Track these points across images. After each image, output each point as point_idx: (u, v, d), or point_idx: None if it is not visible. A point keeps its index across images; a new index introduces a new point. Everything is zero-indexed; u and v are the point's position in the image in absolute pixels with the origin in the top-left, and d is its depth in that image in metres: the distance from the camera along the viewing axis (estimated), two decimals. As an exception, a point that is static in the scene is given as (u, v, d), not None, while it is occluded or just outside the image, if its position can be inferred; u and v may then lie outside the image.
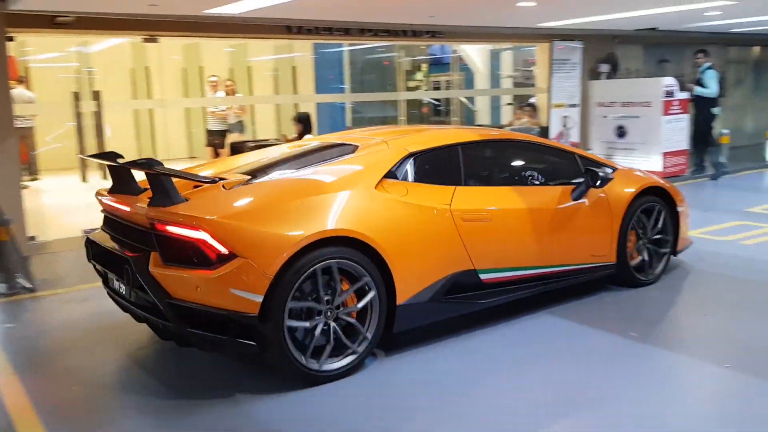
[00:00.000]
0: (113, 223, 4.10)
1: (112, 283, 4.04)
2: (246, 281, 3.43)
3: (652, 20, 10.79)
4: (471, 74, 14.62)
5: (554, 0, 8.03)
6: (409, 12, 8.60)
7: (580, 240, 4.88)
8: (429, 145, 4.43)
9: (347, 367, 3.77)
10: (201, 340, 3.54)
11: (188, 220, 3.49)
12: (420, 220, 4.04)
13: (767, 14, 10.40)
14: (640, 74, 13.18)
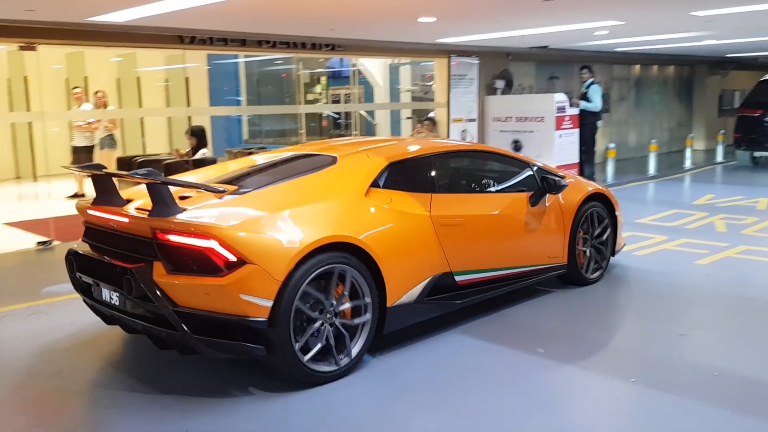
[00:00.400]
0: (101, 235, 4.08)
1: (99, 294, 4.00)
2: (256, 287, 3.50)
3: (545, 39, 11.10)
4: (370, 88, 14.56)
5: (453, 17, 8.07)
6: (308, 24, 8.41)
7: (539, 242, 5.25)
8: (406, 155, 4.67)
9: (345, 367, 3.91)
10: (208, 346, 3.55)
11: (197, 229, 3.52)
12: (405, 226, 4.26)
13: (649, 34, 10.97)
14: (532, 90, 13.57)
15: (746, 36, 11.92)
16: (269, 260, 3.55)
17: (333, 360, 3.86)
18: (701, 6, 7.71)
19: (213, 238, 3.50)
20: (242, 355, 3.69)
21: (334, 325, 3.87)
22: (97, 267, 4.00)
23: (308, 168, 4.39)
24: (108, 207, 4.03)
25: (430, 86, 13.20)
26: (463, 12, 7.63)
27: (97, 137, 10.98)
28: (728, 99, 19.61)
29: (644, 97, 17.27)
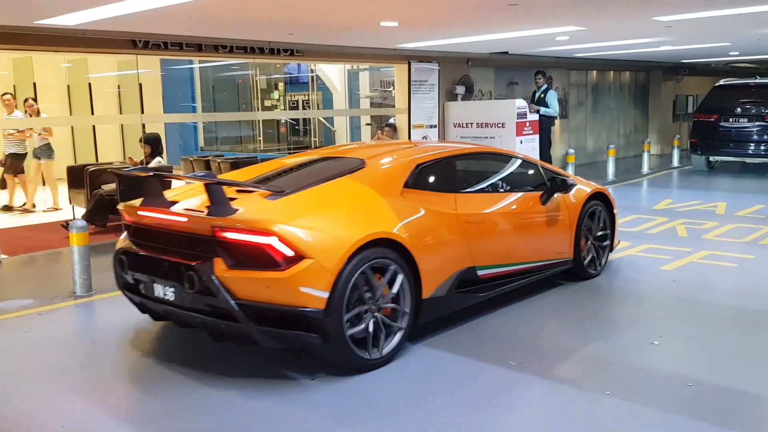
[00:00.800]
0: (153, 234, 4.26)
1: (151, 291, 4.20)
2: (314, 279, 3.75)
3: (506, 44, 11.11)
4: (329, 94, 14.41)
5: (414, 22, 7.97)
6: (267, 29, 8.20)
7: (549, 239, 5.58)
8: (432, 157, 4.98)
9: (388, 355, 4.16)
10: (268, 336, 3.81)
11: (257, 227, 3.76)
12: (436, 223, 4.56)
13: (609, 40, 11.07)
14: (492, 96, 13.59)
15: (701, 42, 12.14)
16: (325, 255, 3.82)
17: (377, 348, 4.10)
18: (663, 11, 7.77)
19: (273, 235, 3.75)
20: (299, 344, 3.93)
21: (377, 315, 4.11)
22: (151, 264, 4.18)
23: (341, 170, 4.63)
24: (158, 208, 4.24)
25: (390, 92, 13.12)
26: (426, 16, 7.53)
27: (31, 145, 10.48)
28: (682, 104, 20.02)
29: (601, 103, 17.49)
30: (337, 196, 4.35)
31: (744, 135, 12.69)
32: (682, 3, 7.08)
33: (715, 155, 13.38)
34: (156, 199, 4.35)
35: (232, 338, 4.03)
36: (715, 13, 7.82)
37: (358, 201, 4.33)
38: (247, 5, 6.48)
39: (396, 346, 4.22)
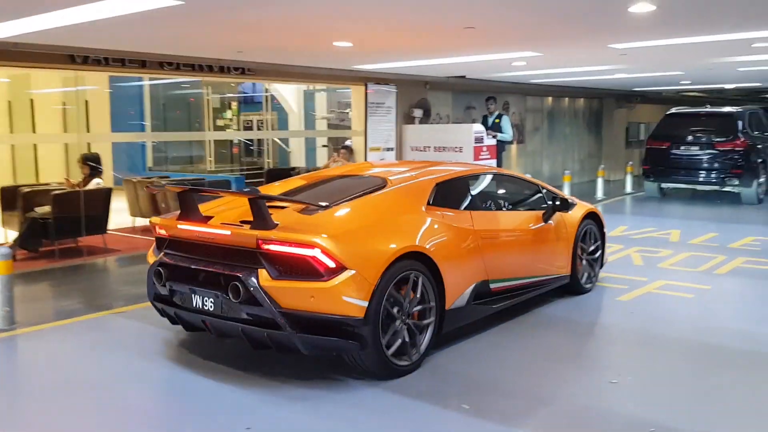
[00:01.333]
0: (192, 247, 4.44)
1: (189, 302, 4.35)
2: (355, 289, 3.97)
3: (463, 68, 11.03)
4: (285, 114, 14.14)
5: (369, 43, 7.77)
6: (214, 46, 7.87)
7: (551, 255, 5.95)
8: (449, 177, 5.30)
9: (417, 362, 4.42)
10: (309, 343, 4.00)
11: (302, 240, 3.97)
12: (457, 238, 4.82)
13: (565, 66, 11.06)
14: (449, 120, 13.50)
15: (654, 71, 12.26)
16: (364, 266, 4.05)
17: (407, 355, 4.34)
18: (619, 39, 7.76)
19: (317, 247, 3.95)
20: (338, 352, 4.13)
21: (408, 322, 4.35)
22: (191, 276, 4.35)
23: (365, 188, 4.88)
24: (197, 221, 4.46)
25: (347, 114, 12.91)
26: (380, 38, 7.34)
27: None
28: (634, 131, 20.31)
29: (557, 129, 17.57)
30: (371, 212, 4.60)
31: (695, 162, 12.81)
32: (636, 31, 7.06)
33: (667, 182, 13.48)
34: (193, 213, 4.56)
35: (272, 346, 4.15)
36: (669, 41, 7.84)
37: (390, 216, 4.61)
38: (189, 22, 6.15)
39: (422, 355, 4.47)
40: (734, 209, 12.19)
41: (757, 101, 25.20)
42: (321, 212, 4.41)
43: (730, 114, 12.93)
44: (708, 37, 7.52)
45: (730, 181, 12.39)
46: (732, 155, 12.36)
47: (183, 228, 4.49)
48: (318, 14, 5.93)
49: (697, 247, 8.65)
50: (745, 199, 12.57)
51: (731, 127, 12.58)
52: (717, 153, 12.52)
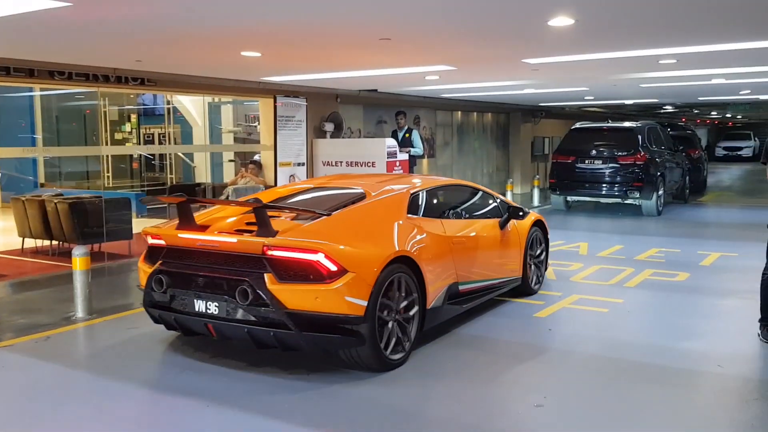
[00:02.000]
0: (193, 254, 4.75)
1: (191, 307, 4.65)
2: (356, 290, 4.40)
3: (375, 82, 10.92)
4: (189, 127, 13.58)
5: (278, 53, 7.46)
6: (110, 54, 7.33)
7: (507, 259, 6.48)
8: (422, 188, 5.80)
9: (405, 356, 4.87)
10: (313, 341, 4.41)
11: (307, 246, 4.39)
12: (434, 244, 5.30)
13: (477, 81, 11.13)
14: (361, 134, 13.34)
15: (561, 86, 12.55)
16: (363, 269, 4.49)
17: (400, 348, 4.82)
18: (533, 54, 7.82)
19: (320, 252, 4.37)
20: (339, 348, 4.55)
21: (398, 318, 4.80)
22: (194, 282, 4.67)
23: (347, 199, 5.31)
24: (198, 230, 4.81)
25: (256, 127, 12.52)
26: (291, 47, 7.04)
27: None
28: (539, 145, 20.86)
29: (466, 143, 17.76)
30: (361, 220, 5.05)
31: (598, 176, 13.18)
32: (552, 46, 7.12)
33: (573, 195, 13.81)
34: (190, 222, 4.92)
35: (275, 345, 4.50)
36: (583, 57, 7.98)
37: (378, 224, 5.04)
38: (80, 27, 5.63)
39: (408, 351, 4.91)
40: (636, 221, 12.60)
41: (652, 116, 26.58)
42: (318, 220, 4.82)
43: (630, 129, 13.40)
44: (621, 53, 7.69)
45: (632, 193, 12.82)
46: (633, 169, 12.79)
47: (184, 237, 4.80)
48: (224, 23, 5.58)
49: (605, 259, 8.81)
50: (646, 211, 13.04)
51: (632, 141, 13.03)
52: (619, 167, 12.93)
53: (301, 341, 4.40)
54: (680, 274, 7.83)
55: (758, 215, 13.50)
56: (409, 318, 4.93)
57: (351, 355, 4.59)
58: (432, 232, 5.35)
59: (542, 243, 7.14)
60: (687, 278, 7.65)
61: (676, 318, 6.17)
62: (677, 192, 15.00)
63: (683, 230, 11.58)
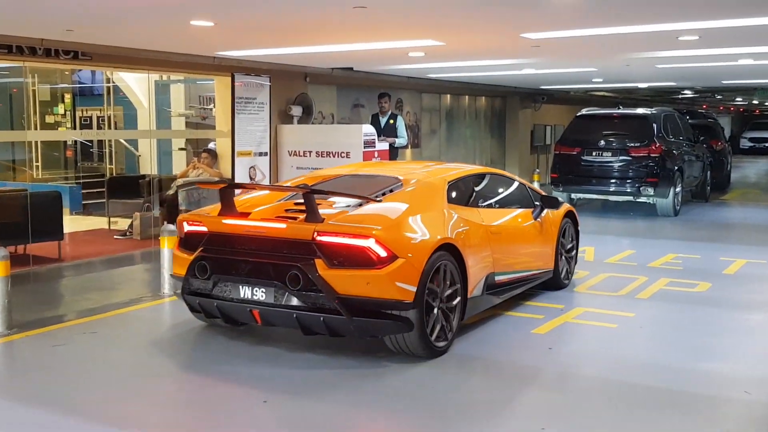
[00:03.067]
0: (236, 241, 5.36)
1: (236, 293, 5.26)
2: (406, 276, 5.00)
3: (350, 58, 10.83)
4: (133, 110, 13.46)
5: (234, 23, 7.39)
6: (35, 21, 7.15)
7: (540, 250, 7.12)
8: (457, 176, 6.47)
9: (448, 345, 5.49)
10: (362, 326, 4.99)
11: (358, 231, 5.02)
12: (474, 232, 5.95)
13: (468, 59, 11.08)
14: (334, 120, 13.28)
15: (566, 66, 12.54)
16: (413, 254, 5.11)
17: (443, 336, 5.41)
18: (533, 28, 7.78)
19: (372, 237, 4.97)
20: (388, 333, 5.13)
21: (442, 307, 5.42)
22: (239, 268, 5.26)
23: (386, 185, 6.00)
24: (240, 217, 5.47)
25: (210, 110, 12.42)
26: (248, 15, 6.94)
27: None
28: (540, 135, 20.91)
29: (456, 131, 17.74)
30: (416, 206, 5.64)
31: (607, 170, 13.18)
32: (556, 18, 7.08)
33: (578, 192, 13.80)
34: (232, 209, 5.53)
35: (323, 331, 5.10)
36: (591, 32, 7.95)
37: (421, 211, 5.61)
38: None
39: (453, 336, 5.55)
40: (650, 222, 12.65)
41: (669, 102, 26.78)
42: (365, 206, 5.52)
43: (644, 116, 13.43)
44: (634, 28, 7.66)
45: (645, 190, 12.83)
46: (647, 162, 12.80)
47: (229, 223, 5.41)
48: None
49: (614, 266, 8.83)
50: (661, 211, 13.07)
51: (646, 131, 13.04)
52: (631, 160, 12.94)
53: (351, 326, 4.98)
54: (700, 283, 7.85)
55: (789, 216, 13.65)
56: (452, 306, 5.54)
57: (398, 341, 5.19)
58: (471, 221, 6.01)
59: (573, 235, 7.84)
60: (708, 289, 7.66)
61: (696, 335, 6.17)
62: (697, 189, 15.09)
63: (704, 233, 11.65)
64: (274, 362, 5.37)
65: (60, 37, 8.31)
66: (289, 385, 4.95)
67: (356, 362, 5.33)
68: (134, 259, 9.44)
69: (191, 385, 5.06)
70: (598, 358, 5.58)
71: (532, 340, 5.98)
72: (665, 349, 5.85)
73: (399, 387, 4.94)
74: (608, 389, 4.96)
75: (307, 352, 5.51)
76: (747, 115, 44.27)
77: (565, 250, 7.60)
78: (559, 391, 4.99)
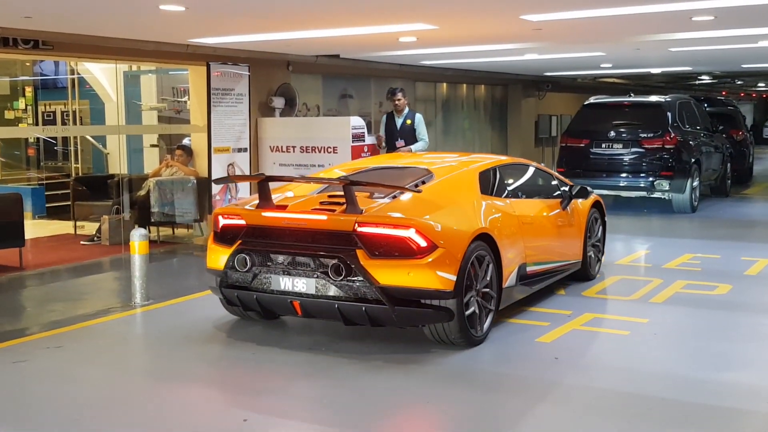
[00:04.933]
0: (277, 233, 5.88)
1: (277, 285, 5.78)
2: (446, 265, 5.52)
3: (336, 45, 10.87)
4: (100, 104, 13.48)
5: (208, 6, 7.43)
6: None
7: (569, 241, 7.69)
8: (485, 167, 6.95)
9: (485, 334, 6.04)
10: (404, 315, 5.54)
11: (399, 222, 5.56)
12: (507, 222, 6.48)
13: (464, 45, 11.09)
14: (320, 112, 13.33)
15: (571, 51, 12.58)
16: (452, 244, 5.61)
17: (480, 327, 5.96)
18: (534, 8, 7.82)
19: (412, 227, 5.49)
20: (428, 322, 5.64)
21: (478, 299, 5.93)
22: (279, 260, 5.78)
23: (417, 177, 6.48)
24: (278, 209, 5.97)
25: (185, 103, 12.43)
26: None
27: None
28: (545, 126, 20.98)
29: (453, 122, 17.79)
30: (441, 198, 6.17)
31: (618, 163, 13.22)
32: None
33: (587, 187, 13.82)
34: (270, 202, 6.08)
35: (365, 321, 5.67)
36: (597, 12, 7.98)
37: (457, 202, 6.20)
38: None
39: (489, 326, 6.08)
40: (665, 219, 12.72)
41: (684, 89, 26.87)
42: (402, 197, 6.02)
43: (658, 104, 13.48)
44: (645, 8, 7.69)
45: (660, 185, 12.87)
46: (661, 154, 12.85)
47: (269, 216, 5.92)
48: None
49: (626, 268, 8.89)
50: (677, 207, 13.13)
51: (660, 120, 13.09)
52: (644, 152, 12.98)
53: (393, 316, 5.49)
54: (720, 286, 7.89)
55: (816, 211, 13.71)
56: (489, 296, 6.07)
57: (437, 330, 5.71)
58: (504, 211, 6.54)
59: (599, 225, 8.42)
60: (729, 291, 7.70)
61: (716, 342, 6.19)
62: (716, 183, 15.15)
63: (724, 231, 11.73)
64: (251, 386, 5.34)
65: (18, 25, 8.34)
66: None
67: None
68: (103, 267, 9.44)
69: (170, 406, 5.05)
70: (608, 369, 5.60)
71: (536, 350, 6.01)
72: (681, 357, 5.88)
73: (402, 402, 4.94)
74: (619, 402, 4.97)
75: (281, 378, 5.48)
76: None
77: (591, 243, 8.13)
78: (566, 405, 4.98)
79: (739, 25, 9.26)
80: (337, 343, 6.04)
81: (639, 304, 7.27)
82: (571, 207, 7.71)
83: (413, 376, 5.39)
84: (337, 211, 5.75)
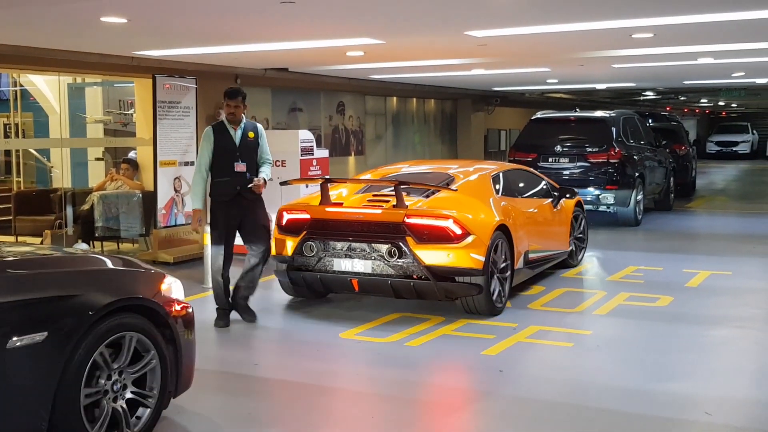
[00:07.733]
0: (337, 224, 7.24)
1: (338, 266, 7.14)
2: (478, 248, 6.92)
3: (284, 58, 10.82)
4: (44, 116, 13.17)
5: (151, 19, 7.34)
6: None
7: (559, 233, 9.11)
8: (495, 171, 8.39)
9: (503, 306, 7.40)
10: (445, 288, 6.92)
11: (440, 214, 6.98)
12: (517, 216, 7.88)
13: (412, 59, 11.15)
14: (268, 125, 13.19)
15: (517, 66, 12.68)
16: (481, 232, 6.97)
17: (500, 299, 7.27)
18: (477, 25, 7.86)
19: (450, 219, 6.88)
20: (463, 294, 6.97)
21: (496, 275, 7.22)
22: (340, 246, 7.08)
23: (443, 179, 7.86)
24: (339, 205, 7.41)
25: (131, 116, 12.20)
26: (163, 12, 6.90)
27: None
28: (494, 139, 21.14)
29: (403, 136, 17.81)
30: (469, 195, 7.56)
31: (565, 177, 13.30)
32: (496, 16, 7.18)
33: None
34: (329, 199, 7.41)
35: (412, 295, 7.02)
36: (533, 29, 8.06)
37: (480, 199, 7.56)
38: None
39: (505, 301, 7.43)
40: (609, 232, 12.80)
41: (629, 105, 27.30)
42: (438, 194, 7.38)
43: (603, 120, 13.59)
44: (585, 25, 7.80)
45: (605, 198, 12.99)
46: (606, 168, 12.98)
47: (332, 210, 7.28)
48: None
49: (571, 281, 8.95)
50: (622, 220, 13.27)
51: (604, 135, 13.21)
52: (589, 166, 13.10)
53: (436, 289, 6.82)
54: (662, 297, 7.98)
55: (758, 224, 14.00)
56: (505, 275, 7.38)
57: (467, 302, 7.06)
58: (514, 207, 7.93)
59: (581, 220, 9.83)
60: (670, 303, 7.79)
61: (656, 353, 6.25)
62: (660, 196, 15.33)
63: (667, 243, 11.85)
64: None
65: (-45, 36, 8.12)
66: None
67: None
68: (44, 283, 9.18)
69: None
70: (551, 381, 5.61)
71: (481, 362, 6.00)
72: (622, 369, 5.92)
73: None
74: (561, 414, 4.99)
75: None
76: (713, 117, 45.41)
77: (574, 237, 9.54)
78: (509, 418, 4.99)
79: (678, 43, 9.42)
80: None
81: (583, 317, 7.35)
82: (561, 205, 9.10)
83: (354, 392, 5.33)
84: (385, 206, 7.10)
